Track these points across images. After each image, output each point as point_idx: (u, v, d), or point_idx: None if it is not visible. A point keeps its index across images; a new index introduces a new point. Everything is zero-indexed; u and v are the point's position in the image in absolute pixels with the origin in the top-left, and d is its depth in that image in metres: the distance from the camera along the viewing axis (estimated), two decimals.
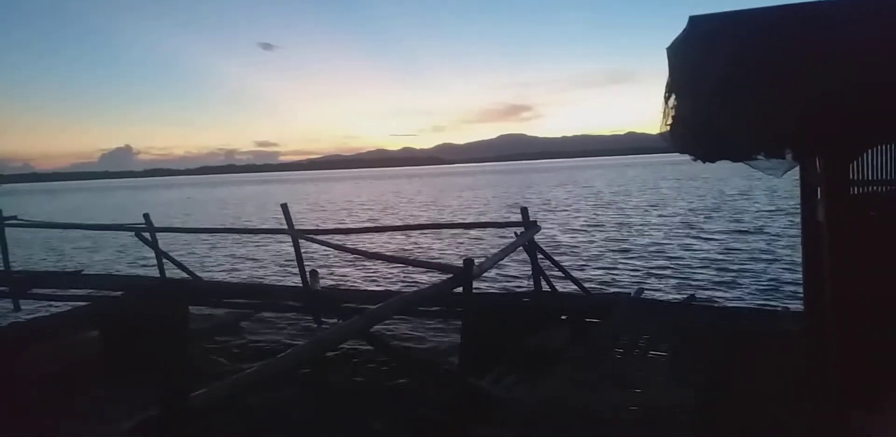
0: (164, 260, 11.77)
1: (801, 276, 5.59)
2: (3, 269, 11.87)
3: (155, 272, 12.24)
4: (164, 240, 12.87)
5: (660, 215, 28.11)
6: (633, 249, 18.59)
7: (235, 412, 5.87)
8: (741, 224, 22.88)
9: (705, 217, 26.11)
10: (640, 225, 24.74)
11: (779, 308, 10.01)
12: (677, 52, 4.01)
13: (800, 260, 5.56)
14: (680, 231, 22.02)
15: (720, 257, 16.29)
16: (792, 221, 21.88)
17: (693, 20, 3.96)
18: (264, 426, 5.98)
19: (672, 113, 3.96)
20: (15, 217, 12.83)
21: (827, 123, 3.51)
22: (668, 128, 4.00)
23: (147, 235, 11.71)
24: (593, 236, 22.24)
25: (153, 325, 8.40)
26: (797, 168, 4.77)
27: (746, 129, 3.62)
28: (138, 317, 8.29)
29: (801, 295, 5.72)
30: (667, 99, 4.07)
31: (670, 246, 18.67)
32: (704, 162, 3.84)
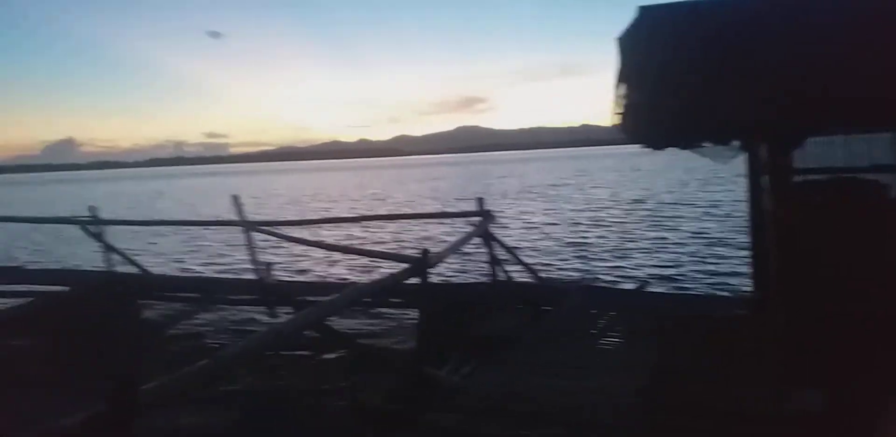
0: (113, 254, 11.42)
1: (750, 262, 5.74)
2: None
3: (102, 267, 11.87)
4: (113, 234, 12.46)
5: (611, 206, 28.54)
6: (587, 237, 18.84)
7: (186, 407, 5.76)
8: (691, 213, 23.38)
9: (655, 208, 26.60)
10: (593, 215, 25.07)
11: (728, 294, 10.29)
12: (627, 42, 4.06)
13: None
14: (631, 221, 22.40)
15: (671, 245, 16.62)
16: (737, 209, 22.45)
17: (642, 10, 4.02)
18: (216, 420, 5.87)
19: (622, 102, 4.00)
20: None
21: (772, 112, 3.60)
22: (619, 117, 4.05)
23: (93, 228, 11.35)
24: (548, 225, 22.47)
25: (101, 320, 8.17)
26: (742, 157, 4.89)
27: (693, 116, 3.69)
28: (86, 312, 8.06)
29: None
30: (617, 88, 4.12)
31: (623, 236, 18.97)
32: (654, 150, 3.89)
